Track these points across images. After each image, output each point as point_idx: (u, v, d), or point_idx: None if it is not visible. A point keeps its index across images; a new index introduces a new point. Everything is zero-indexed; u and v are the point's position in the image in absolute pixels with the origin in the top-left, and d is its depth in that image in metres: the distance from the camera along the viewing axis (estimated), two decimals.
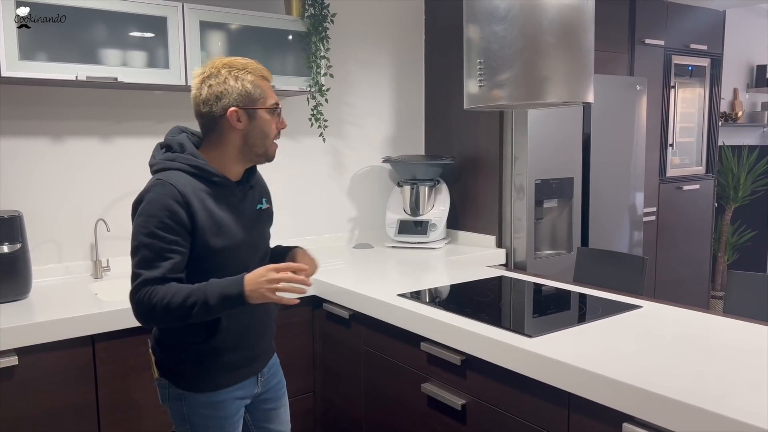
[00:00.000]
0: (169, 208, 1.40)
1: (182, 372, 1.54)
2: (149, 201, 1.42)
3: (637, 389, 1.27)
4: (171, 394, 1.56)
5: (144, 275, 1.39)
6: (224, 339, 1.53)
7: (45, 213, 2.34)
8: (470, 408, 1.72)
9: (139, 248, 1.41)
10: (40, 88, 2.30)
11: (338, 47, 2.95)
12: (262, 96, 1.50)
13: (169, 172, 1.46)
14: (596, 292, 2.07)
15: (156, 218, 1.40)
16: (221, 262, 1.49)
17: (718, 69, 3.97)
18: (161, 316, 1.39)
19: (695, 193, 3.87)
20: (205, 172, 1.48)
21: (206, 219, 1.46)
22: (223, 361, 1.55)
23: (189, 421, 1.56)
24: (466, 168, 3.09)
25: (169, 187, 1.42)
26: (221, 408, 1.56)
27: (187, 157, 1.49)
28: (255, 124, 1.50)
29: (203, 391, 1.54)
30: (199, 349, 1.52)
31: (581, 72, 1.77)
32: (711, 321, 1.73)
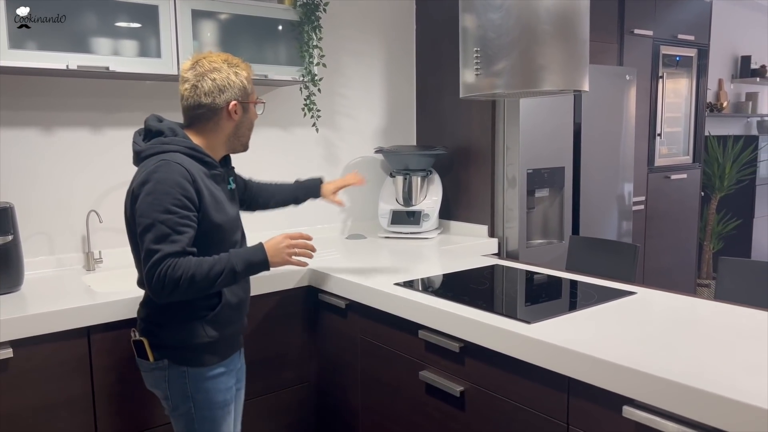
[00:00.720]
0: (181, 185, 1.50)
1: (186, 348, 1.61)
2: (159, 180, 1.49)
3: (636, 372, 1.29)
4: (171, 375, 1.62)
5: (164, 250, 1.46)
6: (225, 313, 1.64)
7: (35, 204, 2.32)
8: (469, 394, 1.74)
9: (154, 224, 1.47)
10: (30, 78, 2.27)
11: (330, 38, 2.93)
12: (252, 91, 1.69)
13: (170, 154, 1.55)
14: (590, 280, 2.09)
15: (170, 195, 1.48)
16: (220, 237, 1.62)
17: (705, 59, 4.01)
18: (185, 288, 1.47)
19: (683, 183, 3.92)
20: (200, 154, 1.61)
21: (209, 196, 1.58)
22: (224, 334, 1.66)
23: (192, 398, 1.63)
24: (458, 158, 3.10)
25: (175, 166, 1.52)
26: (223, 380, 1.68)
27: (182, 140, 1.60)
28: (247, 116, 1.68)
29: (207, 365, 1.63)
30: (202, 324, 1.61)
31: (577, 61, 1.78)
32: (705, 306, 1.75)
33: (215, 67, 1.61)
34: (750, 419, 1.11)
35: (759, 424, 1.10)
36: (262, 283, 2.20)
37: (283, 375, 2.33)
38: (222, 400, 1.67)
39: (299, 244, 1.63)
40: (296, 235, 1.63)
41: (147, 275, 1.47)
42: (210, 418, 1.67)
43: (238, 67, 1.65)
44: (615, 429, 1.36)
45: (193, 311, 1.60)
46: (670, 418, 1.24)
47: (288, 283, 2.28)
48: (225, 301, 1.64)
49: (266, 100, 2.82)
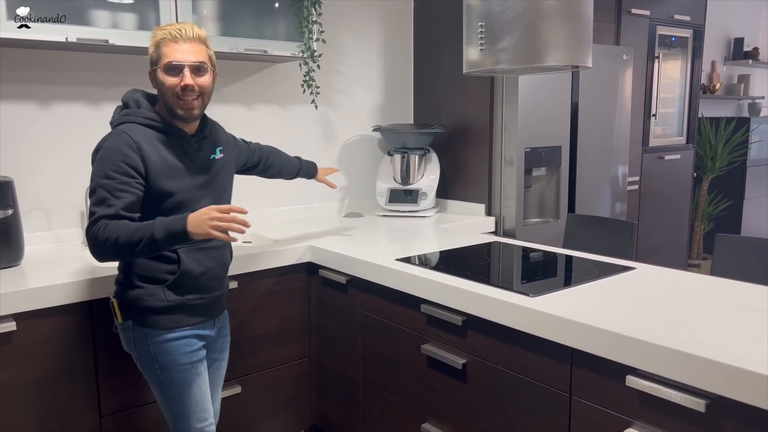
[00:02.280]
0: (123, 152, 1.57)
1: (148, 310, 1.67)
2: (106, 148, 1.58)
3: (639, 342, 1.32)
4: (136, 336, 1.70)
5: (99, 212, 1.53)
6: (186, 280, 1.69)
7: (33, 179, 2.30)
8: (471, 367, 1.76)
9: (96, 189, 1.56)
10: (26, 51, 2.23)
11: (328, 14, 2.91)
12: (159, 56, 1.64)
13: (125, 125, 1.63)
14: (590, 256, 2.12)
15: (110, 161, 1.55)
16: (175, 204, 1.65)
17: (700, 41, 4.02)
18: (111, 250, 1.52)
19: (676, 163, 3.95)
20: (157, 122, 1.65)
21: (159, 163, 1.62)
22: (186, 300, 1.70)
23: (156, 359, 1.69)
24: (456, 137, 3.10)
25: (123, 135, 1.59)
26: (186, 342, 1.72)
27: (141, 111, 1.66)
28: (157, 83, 1.66)
29: (168, 328, 1.69)
30: (163, 287, 1.67)
31: (581, 36, 1.79)
32: (704, 281, 1.78)
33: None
34: (751, 385, 1.14)
35: (760, 390, 1.13)
36: (263, 259, 2.21)
37: (283, 350, 2.35)
38: (187, 362, 1.71)
39: (226, 218, 1.54)
40: (225, 208, 1.56)
41: (86, 235, 1.55)
42: (177, 380, 1.71)
43: (156, 34, 1.65)
44: (618, 398, 1.39)
45: (155, 273, 1.67)
46: (672, 386, 1.27)
47: (289, 259, 2.29)
48: (184, 268, 1.68)
49: (264, 78, 2.82)
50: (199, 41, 1.64)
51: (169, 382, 1.71)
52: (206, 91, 1.67)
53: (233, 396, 2.20)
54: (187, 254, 1.69)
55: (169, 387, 1.71)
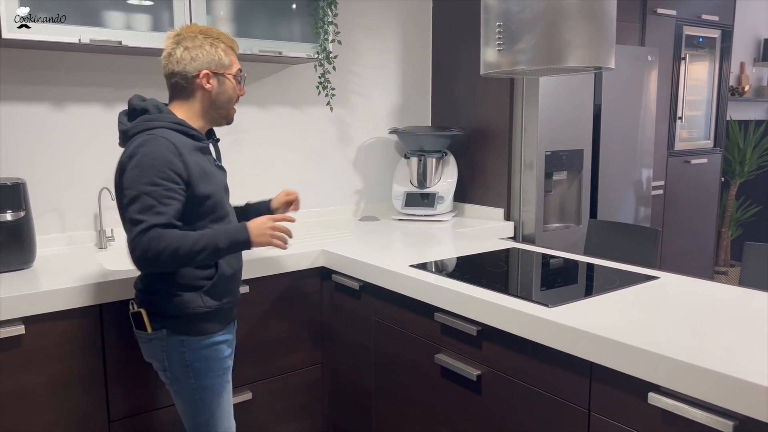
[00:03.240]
0: (167, 158, 1.52)
1: (185, 317, 1.63)
2: (145, 154, 1.51)
3: (663, 357, 1.25)
4: (170, 345, 1.65)
5: (148, 221, 1.48)
6: (221, 283, 1.67)
7: (47, 181, 2.29)
8: (486, 378, 1.70)
9: (140, 196, 1.49)
10: (40, 52, 2.23)
11: (344, 15, 2.87)
12: (231, 63, 1.68)
13: (157, 130, 1.57)
14: (611, 264, 2.04)
15: (155, 168, 1.50)
16: (211, 207, 1.63)
17: (729, 41, 3.90)
18: (167, 260, 1.49)
19: (702, 168, 3.83)
20: (186, 127, 1.62)
21: (196, 169, 1.59)
22: (221, 304, 1.68)
23: (191, 366, 1.65)
24: (475, 139, 3.04)
25: (162, 140, 1.54)
26: (221, 349, 1.70)
27: (167, 116, 1.62)
28: (223, 89, 1.67)
29: (206, 334, 1.66)
30: (200, 293, 1.64)
31: (604, 36, 1.72)
32: (731, 292, 1.70)
33: (191, 36, 1.64)
34: None
35: None
36: (275, 263, 2.17)
37: (296, 356, 2.31)
38: (220, 368, 1.70)
39: (281, 228, 1.64)
40: (280, 217, 1.65)
41: (131, 244, 1.49)
42: (210, 388, 1.69)
43: (218, 39, 1.66)
44: (640, 416, 1.32)
45: (191, 281, 1.63)
46: (697, 406, 1.20)
47: (301, 264, 2.25)
48: (221, 272, 1.66)
49: (279, 79, 2.79)
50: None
51: (202, 389, 1.68)
52: None
53: (244, 402, 2.17)
54: (223, 258, 1.67)
55: (201, 395, 1.68)
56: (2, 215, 1.94)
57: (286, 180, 2.87)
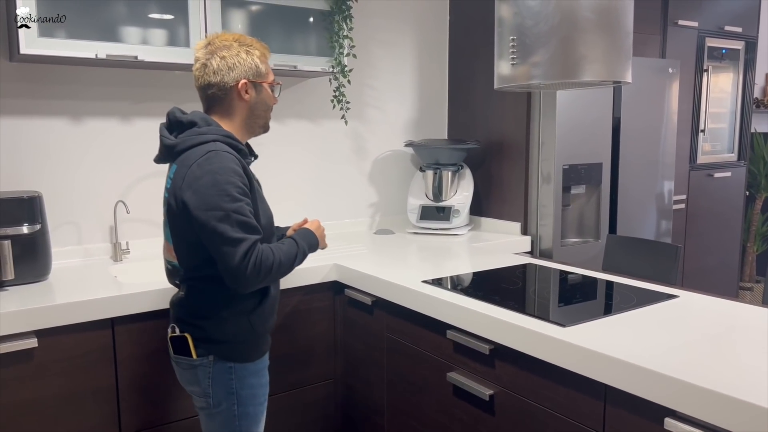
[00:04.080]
0: (238, 173, 1.49)
1: (235, 343, 1.58)
2: (216, 171, 1.45)
3: (680, 382, 1.20)
4: (216, 371, 1.58)
5: (250, 237, 1.46)
6: (268, 306, 1.64)
7: (64, 194, 2.32)
8: (499, 398, 1.67)
9: (229, 215, 1.44)
10: (59, 67, 2.26)
11: (360, 28, 2.87)
12: (267, 71, 1.64)
13: (213, 144, 1.52)
14: (629, 281, 1.99)
15: (232, 184, 1.46)
16: (267, 224, 1.62)
17: (753, 53, 3.83)
18: (274, 274, 1.51)
19: (726, 181, 3.75)
20: (235, 141, 1.58)
21: (255, 183, 1.59)
22: (266, 328, 1.66)
23: (237, 393, 1.59)
24: (491, 152, 3.01)
25: (226, 155, 1.49)
26: (264, 374, 1.67)
27: (217, 128, 1.57)
28: (261, 97, 1.62)
29: (254, 360, 1.62)
30: (248, 318, 1.59)
31: (620, 50, 1.69)
32: (752, 312, 1.64)
33: (225, 45, 1.58)
34: None
35: None
36: (288, 277, 2.16)
37: (308, 371, 2.29)
38: (263, 394, 1.66)
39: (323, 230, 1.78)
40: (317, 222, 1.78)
41: (239, 264, 1.43)
42: (252, 415, 1.64)
43: (251, 46, 1.60)
44: None
45: (240, 305, 1.58)
46: None
47: (314, 278, 2.23)
48: (271, 294, 1.63)
49: (295, 92, 2.79)
50: None
51: (244, 417, 1.62)
52: None
53: None
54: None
55: (241, 422, 1.63)
56: (18, 228, 1.96)
57: (300, 193, 2.87)
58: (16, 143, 2.22)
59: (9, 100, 2.20)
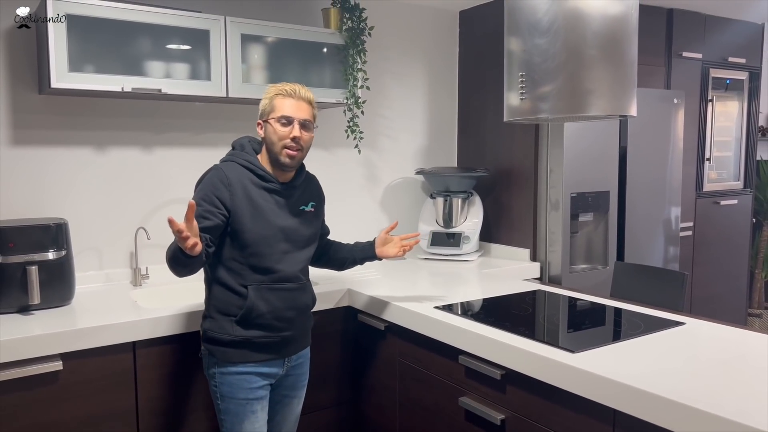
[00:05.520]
0: (214, 185, 1.75)
1: (217, 341, 1.78)
2: (203, 180, 1.80)
3: (686, 407, 1.25)
4: (208, 363, 1.83)
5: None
6: (252, 317, 1.76)
7: (87, 221, 2.39)
8: (510, 423, 1.70)
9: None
10: (84, 99, 2.36)
11: (373, 60, 2.96)
12: (272, 109, 1.80)
13: (226, 163, 1.83)
14: (636, 308, 2.04)
15: (202, 192, 1.75)
16: (249, 242, 1.76)
17: (757, 82, 3.90)
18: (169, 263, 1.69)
19: (733, 208, 3.79)
20: (254, 166, 1.81)
21: (245, 201, 1.76)
22: (251, 337, 1.78)
23: (219, 389, 1.80)
24: (500, 180, 3.07)
25: (219, 171, 1.78)
26: (247, 379, 1.79)
27: (243, 153, 1.84)
28: (267, 133, 1.81)
29: (231, 362, 1.78)
30: (232, 322, 1.77)
31: (624, 85, 1.76)
32: (758, 340, 1.68)
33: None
34: None
35: None
36: None
37: (322, 395, 2.33)
38: (243, 397, 1.79)
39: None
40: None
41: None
42: (232, 412, 1.80)
43: (273, 88, 1.83)
44: None
45: (227, 308, 1.78)
46: None
47: (327, 304, 2.29)
48: (250, 305, 1.76)
49: None
50: (308, 102, 1.82)
51: (226, 412, 1.81)
52: (306, 146, 1.83)
53: None
54: (256, 291, 1.77)
55: (224, 417, 1.82)
56: (44, 254, 2.03)
57: None
58: (42, 172, 2.31)
59: (37, 130, 2.29)
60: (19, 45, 2.22)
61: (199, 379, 2.05)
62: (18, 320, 1.91)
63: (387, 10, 3.04)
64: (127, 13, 2.13)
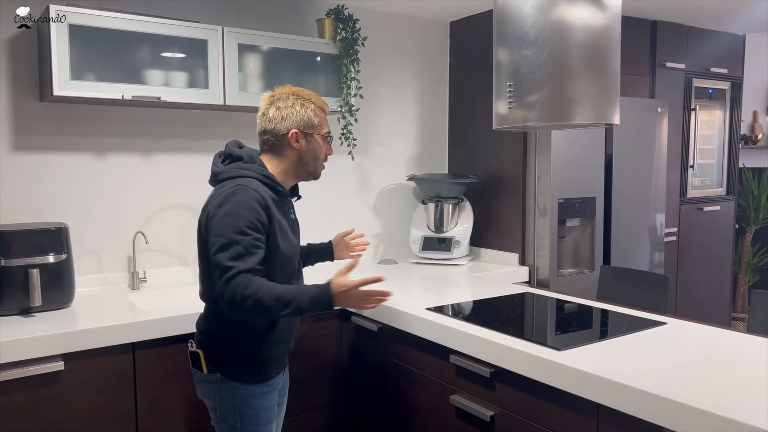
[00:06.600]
0: (255, 209, 1.59)
1: (239, 365, 1.69)
2: (236, 203, 1.59)
3: (667, 400, 1.31)
4: (222, 388, 1.70)
5: (238, 266, 1.54)
6: (277, 335, 1.73)
7: (86, 225, 2.44)
8: (499, 419, 1.77)
9: (231, 244, 1.55)
10: (84, 106, 2.41)
11: (366, 69, 3.04)
12: (320, 124, 1.76)
13: (247, 179, 1.65)
14: (621, 309, 2.11)
15: (244, 218, 1.57)
16: (282, 263, 1.69)
17: (738, 92, 4.01)
18: (251, 307, 1.53)
19: (716, 215, 3.89)
20: (273, 182, 1.69)
21: (277, 223, 1.66)
22: (273, 355, 1.74)
23: (240, 412, 1.70)
24: (490, 186, 3.15)
25: (251, 191, 1.61)
26: (268, 398, 1.75)
27: (258, 167, 1.70)
28: (310, 147, 1.75)
29: (256, 383, 1.71)
30: (256, 344, 1.70)
31: (608, 94, 1.84)
32: (736, 338, 1.76)
33: (283, 97, 1.74)
34: None
35: None
36: None
37: (315, 396, 2.38)
38: (266, 417, 1.74)
39: (373, 293, 1.68)
40: (369, 280, 1.67)
41: (221, 289, 1.55)
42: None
43: (308, 100, 1.74)
44: None
45: (251, 331, 1.69)
46: None
47: None
48: (280, 326, 1.73)
49: None
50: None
51: None
52: None
53: None
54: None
55: None
56: (46, 257, 2.08)
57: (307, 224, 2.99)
58: (43, 177, 2.36)
59: (38, 137, 2.34)
60: (20, 53, 2.28)
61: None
62: (20, 322, 1.96)
63: (380, 21, 3.12)
64: (127, 23, 2.19)
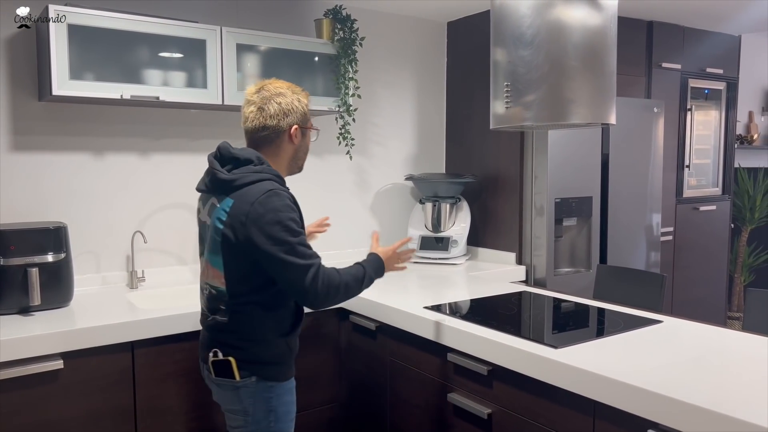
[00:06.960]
0: (294, 209, 1.62)
1: (274, 363, 1.68)
2: (279, 209, 1.57)
3: (661, 396, 1.33)
4: (258, 390, 1.66)
5: (316, 262, 1.60)
6: (299, 326, 1.75)
7: (85, 224, 2.45)
8: (496, 417, 1.78)
9: (295, 247, 1.57)
10: (83, 106, 2.42)
11: (364, 69, 3.05)
12: (311, 118, 1.78)
13: (269, 182, 1.62)
14: (617, 308, 2.13)
15: (293, 221, 1.59)
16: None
17: (734, 92, 4.04)
18: (343, 294, 1.64)
19: (712, 214, 3.91)
20: (282, 181, 1.69)
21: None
22: (297, 348, 1.76)
23: (276, 411, 1.68)
24: (487, 186, 3.17)
25: (284, 194, 1.62)
26: (294, 392, 1.76)
27: (269, 168, 1.67)
28: (304, 141, 1.77)
29: (288, 378, 1.72)
30: (287, 338, 1.70)
31: (604, 94, 1.85)
32: (731, 336, 1.78)
33: (280, 92, 1.69)
34: None
35: None
36: None
37: (313, 395, 2.40)
38: (293, 411, 1.75)
39: (405, 252, 1.88)
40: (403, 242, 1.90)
41: (310, 287, 1.57)
42: (286, 430, 1.73)
43: (300, 94, 1.74)
44: None
45: (281, 327, 1.68)
46: None
47: None
48: (303, 317, 1.76)
49: None
50: None
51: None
52: None
53: None
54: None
55: None
56: (45, 257, 2.09)
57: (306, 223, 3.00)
58: (42, 176, 2.36)
59: (37, 136, 2.35)
60: (20, 53, 2.28)
61: (196, 379, 2.10)
62: (19, 321, 1.97)
63: (378, 21, 3.13)
64: (126, 23, 2.20)
